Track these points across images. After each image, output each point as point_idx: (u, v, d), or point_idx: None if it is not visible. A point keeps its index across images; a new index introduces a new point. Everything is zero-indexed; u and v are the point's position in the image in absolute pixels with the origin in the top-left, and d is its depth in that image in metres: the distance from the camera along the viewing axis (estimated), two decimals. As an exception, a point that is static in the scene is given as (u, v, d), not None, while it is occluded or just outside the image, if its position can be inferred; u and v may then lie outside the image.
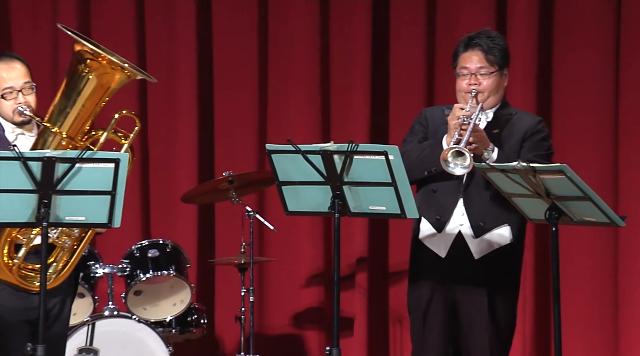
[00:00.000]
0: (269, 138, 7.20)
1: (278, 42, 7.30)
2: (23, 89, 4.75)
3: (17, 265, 4.64)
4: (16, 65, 4.78)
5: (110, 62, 4.67)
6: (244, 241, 6.64)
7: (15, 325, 4.67)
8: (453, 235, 4.87)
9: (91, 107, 4.72)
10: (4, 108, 4.75)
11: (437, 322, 4.88)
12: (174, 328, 6.54)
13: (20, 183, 4.34)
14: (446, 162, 4.62)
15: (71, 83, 4.71)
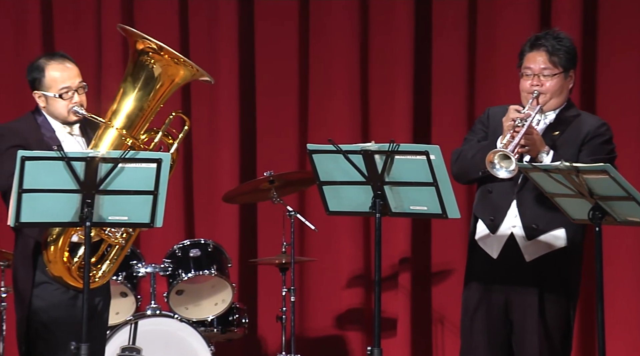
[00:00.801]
0: (310, 138, 7.20)
1: (319, 42, 7.31)
2: (78, 89, 4.78)
3: (76, 264, 4.67)
4: (69, 65, 4.81)
5: (174, 56, 4.69)
6: (285, 241, 6.65)
7: (62, 323, 4.70)
8: (506, 237, 4.84)
9: (153, 105, 4.75)
10: (58, 108, 4.78)
11: (485, 323, 4.85)
12: (215, 328, 6.56)
13: (64, 183, 4.36)
14: (492, 164, 4.59)
15: (133, 80, 4.72)
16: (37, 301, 4.69)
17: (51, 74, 4.77)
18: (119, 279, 6.37)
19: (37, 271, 4.69)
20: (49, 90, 4.77)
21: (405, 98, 7.17)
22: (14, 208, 4.34)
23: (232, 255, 6.83)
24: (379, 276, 4.59)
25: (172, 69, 4.75)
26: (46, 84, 4.78)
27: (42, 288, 4.70)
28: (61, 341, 4.68)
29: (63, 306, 4.71)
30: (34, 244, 4.69)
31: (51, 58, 4.83)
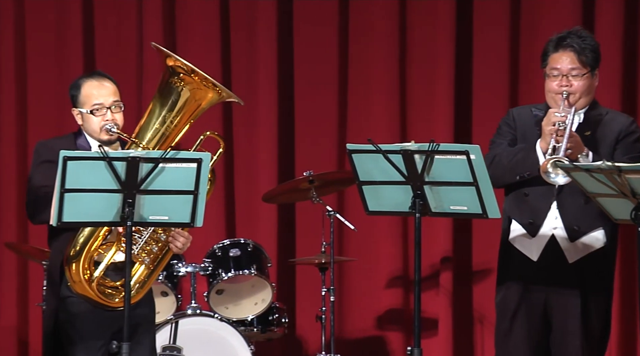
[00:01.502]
0: (349, 138, 7.20)
1: (358, 42, 7.30)
2: (112, 107, 4.79)
3: (96, 281, 4.66)
4: (106, 83, 4.83)
5: (204, 79, 4.69)
6: (324, 240, 6.65)
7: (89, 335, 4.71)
8: (546, 239, 4.81)
9: (180, 125, 4.75)
10: (92, 124, 4.80)
11: (525, 327, 4.83)
12: (255, 327, 6.57)
13: (106, 183, 4.39)
14: (547, 173, 4.57)
15: (162, 99, 4.74)
16: (63, 314, 4.72)
17: (86, 90, 4.81)
18: (160, 278, 6.41)
19: (63, 285, 4.71)
20: (83, 106, 4.81)
21: (445, 98, 7.15)
22: (56, 207, 4.37)
23: (271, 254, 6.84)
24: (418, 276, 4.58)
25: (201, 92, 4.74)
26: (81, 100, 4.82)
27: (67, 302, 4.72)
28: (87, 341, 4.70)
29: (89, 320, 4.71)
30: (62, 259, 4.71)
31: (89, 76, 4.88)
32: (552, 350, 4.84)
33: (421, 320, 4.59)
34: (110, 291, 4.72)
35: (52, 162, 4.68)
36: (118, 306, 4.70)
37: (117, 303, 4.70)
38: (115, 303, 4.70)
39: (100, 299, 4.68)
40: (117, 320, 4.68)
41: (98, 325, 4.72)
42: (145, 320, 4.81)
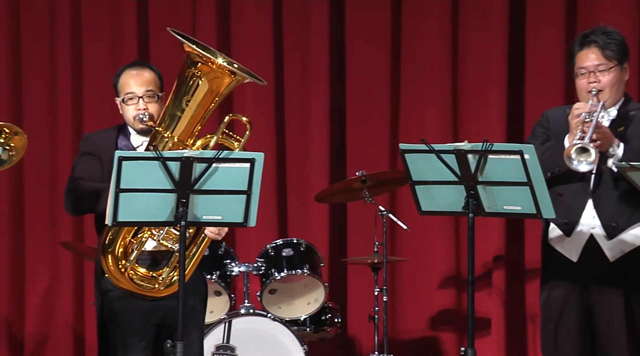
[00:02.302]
0: (401, 138, 7.19)
1: (411, 42, 7.29)
2: (144, 96, 4.82)
3: (129, 270, 4.70)
4: (144, 73, 4.85)
5: (220, 66, 4.67)
6: (376, 240, 6.64)
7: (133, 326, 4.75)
8: (584, 238, 4.78)
9: (201, 111, 4.73)
10: (126, 113, 4.85)
11: (571, 329, 4.79)
12: (308, 327, 6.58)
13: (160, 183, 4.42)
14: (570, 159, 4.55)
15: (182, 87, 4.73)
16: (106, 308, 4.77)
17: (122, 79, 4.86)
18: (213, 278, 6.44)
19: (104, 278, 4.76)
20: (119, 95, 4.86)
21: (498, 97, 7.11)
22: (111, 207, 4.41)
23: (322, 254, 6.85)
24: (472, 277, 4.56)
25: (218, 79, 4.70)
26: (119, 89, 4.88)
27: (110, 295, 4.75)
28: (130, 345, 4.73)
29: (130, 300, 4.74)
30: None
31: (129, 65, 4.92)
32: (597, 352, 4.80)
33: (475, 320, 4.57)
34: (147, 280, 4.74)
35: (92, 155, 4.78)
36: (157, 296, 4.72)
37: (155, 292, 4.72)
38: (153, 292, 4.72)
39: (137, 289, 4.72)
40: (158, 311, 4.72)
41: (139, 317, 4.75)
42: (192, 313, 4.80)
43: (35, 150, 7.24)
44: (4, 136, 4.56)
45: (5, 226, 7.24)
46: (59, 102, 7.31)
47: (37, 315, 7.28)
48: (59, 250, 7.16)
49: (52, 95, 7.33)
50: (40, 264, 7.29)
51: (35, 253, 7.29)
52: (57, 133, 7.30)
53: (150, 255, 4.77)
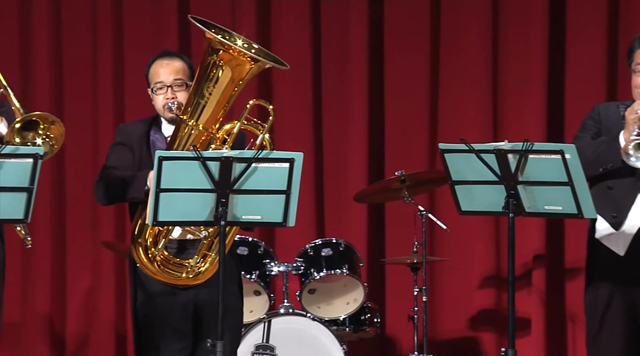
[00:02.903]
0: (440, 137, 7.17)
1: (450, 40, 7.27)
2: (173, 85, 4.84)
3: (157, 257, 4.73)
4: (174, 62, 4.87)
5: (241, 52, 4.67)
6: (416, 240, 6.63)
7: (166, 316, 4.77)
8: (633, 232, 4.74)
9: (224, 98, 4.74)
10: (156, 102, 4.87)
11: (616, 326, 4.75)
12: (347, 327, 6.58)
13: (200, 183, 4.43)
14: (628, 155, 4.52)
15: (203, 75, 4.74)
16: (139, 298, 4.79)
17: (152, 69, 4.89)
18: (253, 278, 6.45)
19: (138, 268, 4.78)
20: (149, 85, 4.89)
21: (538, 96, 7.08)
22: (151, 207, 4.43)
23: (360, 254, 6.84)
24: (512, 277, 4.54)
25: (240, 66, 4.69)
26: (149, 79, 4.91)
27: (143, 285, 4.78)
28: (163, 332, 4.75)
29: (165, 298, 4.76)
30: None
31: (159, 56, 4.94)
32: None
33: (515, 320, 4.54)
34: (175, 268, 4.75)
35: (124, 145, 4.80)
36: (187, 284, 4.73)
37: (185, 280, 4.73)
38: (183, 280, 4.73)
39: (166, 277, 4.73)
40: (191, 301, 4.73)
41: (172, 308, 4.76)
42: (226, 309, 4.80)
43: (76, 150, 7.29)
44: (42, 127, 4.58)
45: (46, 226, 7.30)
46: (101, 100, 7.35)
47: (78, 314, 7.33)
48: (100, 250, 7.20)
49: (94, 94, 7.37)
50: (81, 264, 7.33)
51: (76, 253, 7.34)
52: (99, 133, 7.34)
53: (178, 242, 4.79)
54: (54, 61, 7.36)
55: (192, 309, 4.79)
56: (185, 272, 4.75)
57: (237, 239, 6.37)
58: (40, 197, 4.59)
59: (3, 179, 4.23)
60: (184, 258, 4.78)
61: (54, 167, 7.26)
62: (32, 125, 4.57)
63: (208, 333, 4.66)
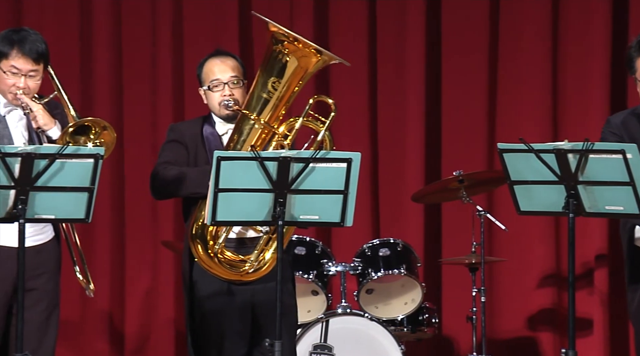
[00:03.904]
0: (499, 137, 7.13)
1: (509, 38, 7.22)
2: (229, 83, 4.86)
3: (218, 253, 4.74)
4: (227, 60, 4.90)
5: (306, 45, 4.68)
6: (474, 240, 6.59)
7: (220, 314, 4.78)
8: None
9: (287, 93, 4.76)
10: (212, 101, 4.89)
11: None
12: (405, 327, 6.56)
13: (258, 183, 4.45)
14: None
15: (267, 69, 4.75)
16: (196, 295, 4.81)
17: (206, 68, 4.91)
18: (310, 278, 6.46)
19: (194, 265, 4.80)
20: (204, 84, 4.90)
21: (600, 96, 7.01)
22: (210, 207, 4.45)
23: (417, 254, 6.82)
24: (572, 277, 4.50)
25: (305, 59, 4.72)
26: (203, 78, 4.93)
27: (199, 283, 4.80)
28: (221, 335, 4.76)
29: (220, 300, 4.78)
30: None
31: (212, 54, 4.96)
32: None
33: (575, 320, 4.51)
34: (234, 264, 4.78)
35: (178, 142, 4.84)
36: (245, 280, 4.75)
37: (244, 276, 4.75)
38: (241, 275, 4.75)
39: (226, 274, 4.75)
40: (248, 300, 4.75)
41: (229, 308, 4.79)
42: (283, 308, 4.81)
43: (136, 151, 7.35)
44: (93, 132, 4.62)
45: (106, 226, 7.36)
46: (160, 102, 7.40)
47: (138, 313, 7.38)
48: (159, 250, 7.25)
49: (153, 96, 7.42)
50: (141, 263, 7.39)
51: (136, 252, 7.39)
52: (158, 134, 7.39)
53: (237, 238, 4.81)
54: (114, 63, 7.41)
55: (250, 309, 4.80)
56: (245, 267, 4.77)
57: (294, 239, 6.40)
58: (100, 197, 4.62)
59: (65, 179, 4.27)
60: (242, 254, 4.80)
61: (113, 167, 7.32)
62: (85, 130, 4.61)
63: (265, 333, 4.67)
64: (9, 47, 4.63)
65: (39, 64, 4.67)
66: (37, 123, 4.63)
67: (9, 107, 4.71)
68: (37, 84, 4.69)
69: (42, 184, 4.25)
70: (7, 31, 4.71)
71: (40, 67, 4.67)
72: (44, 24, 7.18)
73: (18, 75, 4.64)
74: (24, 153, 4.20)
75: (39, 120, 4.63)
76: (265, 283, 4.78)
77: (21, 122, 4.71)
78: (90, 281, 4.84)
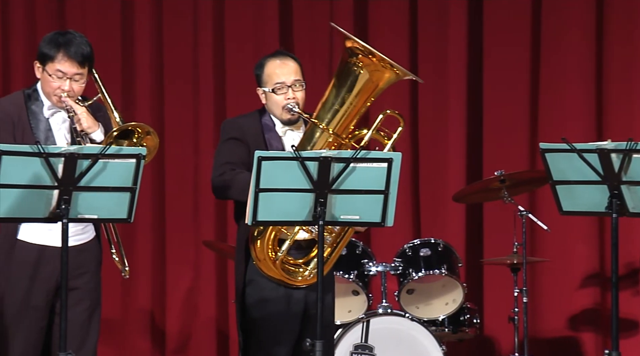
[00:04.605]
0: (541, 137, 7.09)
1: (551, 37, 7.18)
2: (293, 86, 4.86)
3: (280, 260, 4.75)
4: (289, 62, 4.89)
5: (381, 59, 4.70)
6: (516, 241, 6.56)
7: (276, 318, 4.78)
8: None
9: (359, 105, 4.77)
10: (274, 103, 4.87)
11: None
12: (446, 327, 6.54)
13: (299, 183, 4.44)
14: None
15: (341, 80, 4.77)
16: (250, 297, 4.80)
17: (268, 69, 4.89)
18: (351, 278, 6.45)
19: (249, 266, 4.80)
20: (266, 85, 4.89)
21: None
22: (251, 207, 4.45)
23: (459, 254, 6.79)
24: (616, 278, 4.47)
25: (379, 72, 4.75)
26: (264, 79, 4.90)
27: (254, 284, 4.80)
28: (274, 337, 4.76)
29: (275, 302, 4.78)
30: (247, 240, 4.80)
31: (272, 55, 4.95)
32: None
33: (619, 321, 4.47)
34: (293, 269, 4.78)
35: (238, 139, 4.80)
36: (301, 284, 4.75)
37: (301, 281, 4.76)
38: (299, 281, 4.76)
39: (284, 277, 4.76)
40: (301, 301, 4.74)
41: (284, 307, 4.78)
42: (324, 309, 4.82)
43: (177, 151, 7.38)
44: (136, 136, 4.64)
45: (147, 225, 7.39)
46: (201, 103, 7.42)
47: (179, 312, 7.41)
48: (201, 249, 7.28)
49: (194, 97, 7.44)
50: (182, 262, 7.42)
51: (177, 252, 7.42)
52: (199, 134, 7.42)
53: (296, 242, 4.81)
54: (155, 64, 7.44)
55: (302, 311, 4.80)
56: (304, 274, 4.78)
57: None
58: (142, 197, 4.64)
59: (107, 179, 4.29)
60: (300, 258, 4.79)
61: (154, 168, 7.35)
62: (128, 134, 4.63)
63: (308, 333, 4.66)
64: (55, 50, 4.66)
65: (84, 67, 4.69)
66: (80, 126, 4.65)
67: (53, 109, 4.74)
68: (81, 87, 4.71)
69: (85, 184, 4.27)
70: (53, 34, 4.73)
71: (84, 71, 4.70)
72: (87, 26, 7.23)
73: (63, 78, 4.67)
74: (67, 154, 4.23)
75: (83, 123, 4.65)
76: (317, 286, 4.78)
77: (64, 124, 4.74)
78: (126, 263, 4.85)
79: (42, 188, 4.23)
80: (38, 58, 4.71)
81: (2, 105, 4.73)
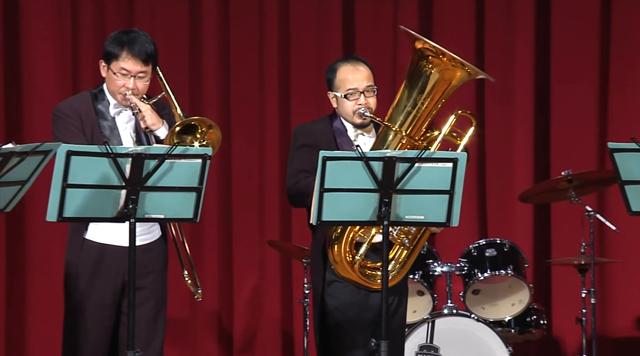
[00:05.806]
0: (610, 136, 7.02)
1: (621, 36, 7.11)
2: (365, 91, 4.87)
3: (357, 263, 4.76)
4: (360, 67, 4.89)
5: (452, 59, 4.70)
6: (583, 241, 6.50)
7: (353, 322, 4.79)
8: None
9: (430, 106, 4.78)
10: (345, 108, 4.88)
11: None
12: (513, 328, 6.50)
13: (363, 183, 4.44)
14: None
15: (412, 82, 4.77)
16: (329, 300, 4.80)
17: (341, 75, 4.89)
18: (416, 278, 6.44)
19: (328, 270, 4.81)
20: (338, 90, 4.89)
21: None
22: (315, 206, 4.46)
23: (526, 255, 6.74)
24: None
25: (450, 72, 4.75)
26: (336, 84, 4.90)
27: (332, 287, 4.81)
28: (352, 340, 4.76)
29: (354, 306, 4.78)
30: (324, 244, 4.81)
31: (345, 60, 4.95)
32: None
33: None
34: (371, 272, 4.78)
35: (310, 146, 4.80)
36: (379, 287, 4.74)
37: (379, 284, 4.74)
38: (377, 284, 4.75)
39: (362, 280, 4.76)
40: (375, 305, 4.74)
41: (362, 311, 4.79)
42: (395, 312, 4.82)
43: (243, 151, 7.42)
44: (199, 131, 4.67)
45: (213, 225, 7.44)
46: (267, 103, 7.46)
47: (246, 312, 7.45)
48: (266, 249, 7.31)
49: (261, 97, 7.47)
50: (248, 263, 7.45)
51: (243, 252, 7.46)
52: (265, 134, 7.45)
53: (372, 245, 4.80)
54: (222, 64, 7.49)
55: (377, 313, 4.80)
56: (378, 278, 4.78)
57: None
58: (207, 197, 4.68)
59: (173, 179, 4.33)
60: (377, 261, 4.79)
61: (220, 168, 7.40)
62: (191, 129, 4.66)
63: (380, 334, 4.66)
64: (119, 48, 4.71)
65: (148, 65, 4.73)
66: (145, 123, 4.70)
67: (119, 108, 4.79)
68: (145, 84, 4.75)
69: (151, 184, 4.30)
70: (117, 32, 4.78)
71: (149, 68, 4.74)
72: (155, 27, 7.30)
73: (127, 76, 4.71)
74: (135, 154, 4.26)
75: (147, 120, 4.69)
76: (394, 288, 4.78)
77: (130, 123, 4.79)
78: (199, 286, 4.88)
79: (110, 188, 4.27)
80: (103, 57, 4.76)
81: (72, 104, 4.79)
